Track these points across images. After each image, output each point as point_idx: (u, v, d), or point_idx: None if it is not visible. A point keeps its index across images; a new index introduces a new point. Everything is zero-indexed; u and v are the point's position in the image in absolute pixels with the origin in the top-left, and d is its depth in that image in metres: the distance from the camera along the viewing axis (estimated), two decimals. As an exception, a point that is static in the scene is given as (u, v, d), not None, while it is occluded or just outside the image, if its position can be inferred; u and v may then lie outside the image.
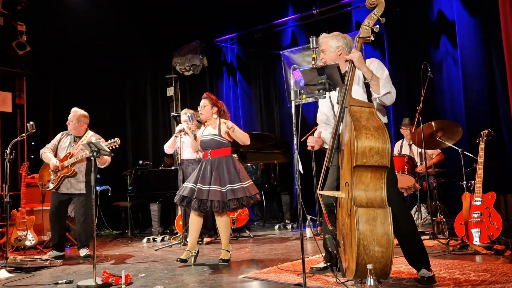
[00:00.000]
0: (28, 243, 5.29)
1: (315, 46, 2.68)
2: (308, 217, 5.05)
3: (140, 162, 6.52)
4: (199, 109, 3.98)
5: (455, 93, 5.88)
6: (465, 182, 4.09)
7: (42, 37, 6.78)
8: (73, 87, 7.26)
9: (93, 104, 7.49)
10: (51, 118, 6.99)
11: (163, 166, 6.74)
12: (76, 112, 4.69)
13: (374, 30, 2.65)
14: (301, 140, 5.24)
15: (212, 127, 3.94)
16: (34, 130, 4.50)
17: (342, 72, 2.80)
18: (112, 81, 7.92)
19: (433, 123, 4.40)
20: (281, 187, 6.30)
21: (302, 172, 2.58)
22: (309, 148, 2.98)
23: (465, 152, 4.29)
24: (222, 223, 3.85)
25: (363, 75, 2.71)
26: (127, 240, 5.96)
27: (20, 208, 5.42)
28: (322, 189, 2.76)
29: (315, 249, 4.17)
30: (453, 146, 4.41)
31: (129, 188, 6.39)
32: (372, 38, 2.68)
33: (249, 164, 6.08)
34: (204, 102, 3.96)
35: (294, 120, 2.50)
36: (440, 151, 5.32)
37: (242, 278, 3.15)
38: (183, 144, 5.15)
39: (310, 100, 6.80)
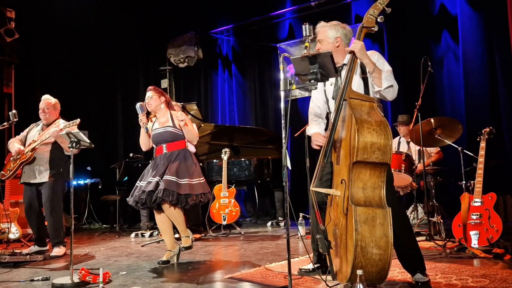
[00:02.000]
0: (11, 236, 5.12)
1: (308, 34, 2.49)
2: (301, 214, 4.88)
3: (131, 155, 6.34)
4: (145, 102, 3.67)
5: (456, 90, 5.72)
6: (464, 182, 3.93)
7: (31, 24, 6.57)
8: (63, 77, 7.06)
9: (84, 95, 7.33)
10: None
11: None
12: (49, 99, 4.39)
13: (379, 20, 2.48)
14: (295, 135, 5.08)
15: (163, 119, 3.64)
16: (17, 119, 4.32)
17: (341, 64, 2.64)
18: (103, 71, 7.71)
19: (432, 120, 4.22)
20: (274, 184, 6.14)
21: (290, 168, 2.41)
22: (315, 147, 2.73)
23: (464, 150, 4.12)
24: (172, 212, 3.44)
25: (362, 68, 2.53)
26: (115, 234, 5.79)
27: (4, 200, 5.25)
28: (315, 186, 2.59)
29: (307, 249, 4.01)
30: (453, 144, 4.24)
31: (118, 181, 6.22)
32: (376, 29, 2.52)
33: (242, 159, 5.91)
34: (150, 94, 3.67)
35: (283, 113, 2.32)
36: (439, 149, 5.16)
37: (226, 279, 2.99)
38: None
39: (307, 94, 6.65)
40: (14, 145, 4.32)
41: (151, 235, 5.47)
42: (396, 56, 6.07)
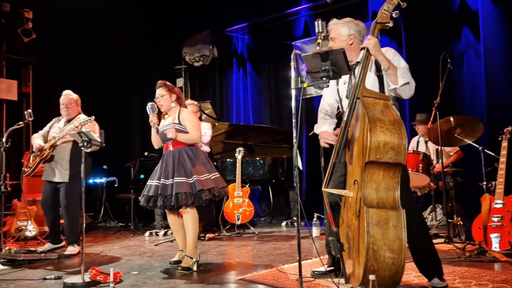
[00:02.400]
0: (28, 234, 5.19)
1: (320, 31, 2.43)
2: (315, 215, 4.81)
3: (146, 154, 6.36)
4: (156, 100, 3.61)
5: (476, 88, 5.54)
6: (485, 183, 3.78)
7: (48, 25, 6.63)
8: (79, 76, 7.12)
9: (100, 94, 7.38)
10: (57, 107, 6.83)
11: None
12: (71, 95, 4.41)
13: (394, 15, 2.39)
14: (310, 134, 4.99)
15: (172, 116, 3.60)
16: (32, 118, 4.34)
17: (354, 62, 2.56)
18: (119, 70, 7.77)
19: (451, 119, 4.09)
20: (288, 183, 6.07)
21: (301, 168, 2.34)
22: (324, 145, 2.68)
23: (485, 150, 3.98)
24: (189, 219, 3.34)
25: (376, 65, 2.45)
26: (130, 233, 5.82)
27: (21, 198, 5.32)
28: (327, 186, 2.51)
29: (321, 250, 3.93)
30: (473, 144, 4.10)
31: (133, 180, 6.25)
32: (391, 25, 2.42)
33: (257, 158, 5.86)
34: (160, 91, 3.57)
35: (293, 112, 2.26)
36: (458, 148, 5.01)
37: (237, 280, 2.94)
38: None
39: (320, 92, 6.54)
40: (35, 140, 4.35)
41: (165, 234, 5.46)
42: (414, 53, 5.92)
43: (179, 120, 3.53)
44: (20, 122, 4.36)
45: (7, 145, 4.13)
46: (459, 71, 5.62)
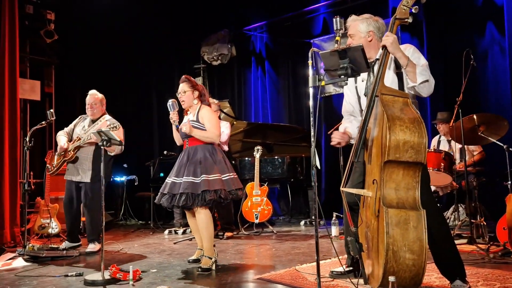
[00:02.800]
0: (51, 231, 5.29)
1: (339, 28, 2.39)
2: (334, 214, 4.77)
3: (165, 152, 6.41)
4: (178, 95, 3.58)
5: (501, 85, 5.39)
6: (510, 182, 3.67)
7: (70, 26, 6.76)
8: (100, 77, 7.23)
9: (120, 94, 7.49)
10: (79, 107, 6.98)
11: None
12: (97, 95, 4.46)
13: (413, 11, 2.33)
14: (328, 133, 4.95)
15: (192, 114, 3.56)
16: (54, 118, 4.44)
17: (373, 59, 2.52)
18: (139, 70, 7.86)
19: (474, 116, 3.98)
20: (307, 182, 6.03)
21: (319, 167, 2.31)
22: (334, 144, 2.68)
23: (510, 148, 3.86)
24: (201, 220, 3.28)
25: (396, 63, 2.40)
26: (149, 231, 5.88)
27: (44, 196, 5.44)
28: (345, 186, 2.48)
29: (340, 250, 3.89)
30: (497, 142, 3.98)
31: (153, 178, 6.31)
32: (410, 20, 2.36)
33: (275, 157, 5.84)
34: (183, 86, 3.53)
35: (311, 110, 2.23)
36: (481, 148, 4.88)
37: (255, 279, 2.93)
38: None
39: (341, 90, 6.48)
40: (60, 139, 4.41)
41: (184, 232, 5.50)
42: (436, 50, 5.79)
43: (197, 117, 3.49)
44: (43, 122, 4.45)
45: (30, 144, 4.23)
46: (482, 68, 5.48)
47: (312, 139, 2.21)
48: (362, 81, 2.56)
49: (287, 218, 6.85)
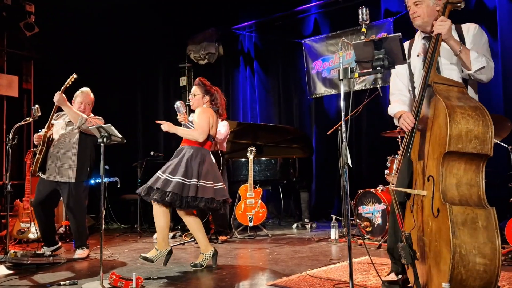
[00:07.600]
0: (31, 236, 4.96)
1: (364, 19, 2.27)
2: (333, 217, 4.65)
3: (152, 153, 6.15)
4: (189, 97, 3.56)
5: (493, 88, 5.42)
6: (514, 184, 3.65)
7: (51, 19, 6.39)
8: (82, 73, 6.86)
9: (103, 92, 7.11)
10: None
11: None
12: (91, 94, 4.24)
13: None
14: (328, 133, 4.84)
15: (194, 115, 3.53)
16: (39, 114, 4.13)
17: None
18: (123, 68, 7.52)
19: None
20: (300, 184, 5.90)
21: (351, 165, 2.16)
22: (404, 128, 2.22)
23: (513, 150, 3.85)
24: (188, 224, 3.45)
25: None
26: (136, 235, 5.60)
27: (24, 198, 5.09)
28: (396, 186, 2.25)
29: (344, 253, 3.77)
30: (500, 143, 3.96)
31: (139, 180, 6.02)
32: (462, 6, 2.23)
33: (266, 159, 5.68)
34: (195, 89, 3.53)
35: (343, 106, 2.08)
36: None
37: (269, 285, 2.76)
38: None
39: (333, 91, 6.39)
40: (35, 135, 4.12)
41: (174, 237, 5.25)
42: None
43: (194, 117, 3.45)
44: (28, 118, 4.14)
45: (13, 142, 3.91)
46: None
47: (343, 135, 2.07)
48: (418, 55, 2.38)
49: (277, 221, 6.70)
